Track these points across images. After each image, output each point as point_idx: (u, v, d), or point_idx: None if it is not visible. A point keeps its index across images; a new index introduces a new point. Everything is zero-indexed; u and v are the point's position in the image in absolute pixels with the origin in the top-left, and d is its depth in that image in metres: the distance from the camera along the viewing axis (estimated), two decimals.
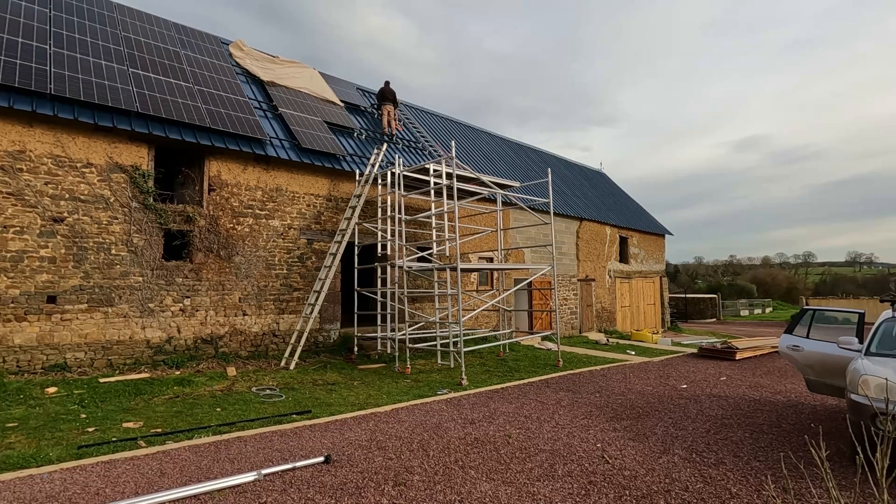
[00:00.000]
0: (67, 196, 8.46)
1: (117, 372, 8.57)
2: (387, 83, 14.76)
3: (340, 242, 11.08)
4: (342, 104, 14.51)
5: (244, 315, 10.39)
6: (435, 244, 12.63)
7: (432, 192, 12.36)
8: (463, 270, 11.99)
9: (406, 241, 11.84)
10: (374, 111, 15.38)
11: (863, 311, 6.82)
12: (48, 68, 8.69)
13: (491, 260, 15.71)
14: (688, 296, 39.12)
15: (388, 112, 14.65)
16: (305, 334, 10.37)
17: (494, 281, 15.73)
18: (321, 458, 4.82)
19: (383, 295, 11.50)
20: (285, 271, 11.05)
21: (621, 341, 17.79)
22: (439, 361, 11.13)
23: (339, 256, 11.00)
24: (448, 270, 11.12)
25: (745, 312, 42.74)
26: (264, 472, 4.48)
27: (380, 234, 11.48)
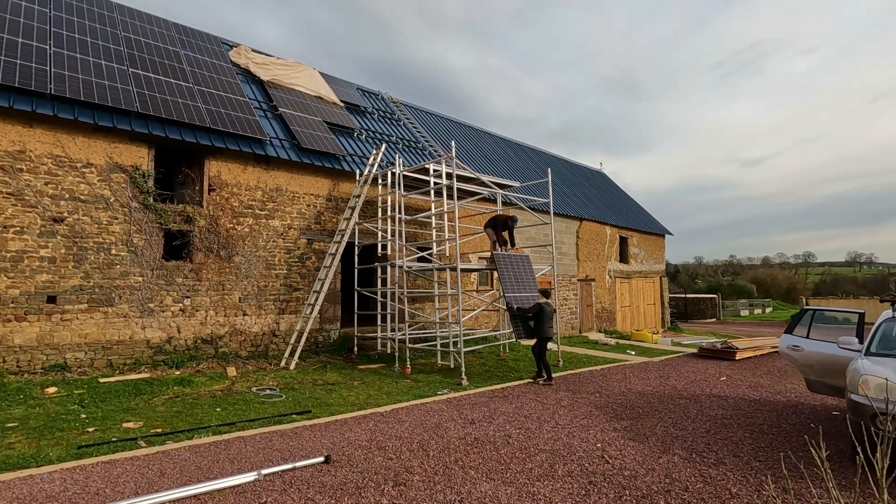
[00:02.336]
0: (67, 196, 8.46)
1: (117, 372, 8.57)
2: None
3: (340, 242, 11.08)
4: (342, 104, 14.52)
5: (244, 315, 10.39)
6: (435, 244, 12.63)
7: (432, 192, 12.36)
8: (463, 270, 11.98)
9: (406, 241, 11.84)
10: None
11: (863, 311, 6.82)
12: (48, 68, 8.69)
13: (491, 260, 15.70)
14: (688, 296, 39.12)
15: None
16: (305, 334, 10.37)
17: (494, 281, 15.73)
18: (321, 458, 4.82)
19: (383, 295, 11.50)
20: (285, 271, 11.05)
21: (621, 341, 17.79)
22: (439, 361, 11.13)
23: (338, 256, 11.00)
24: (448, 270, 11.12)
25: (745, 312, 42.72)
26: (264, 472, 4.48)
27: (380, 234, 11.48)
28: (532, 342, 9.59)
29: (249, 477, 4.38)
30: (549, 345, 9.65)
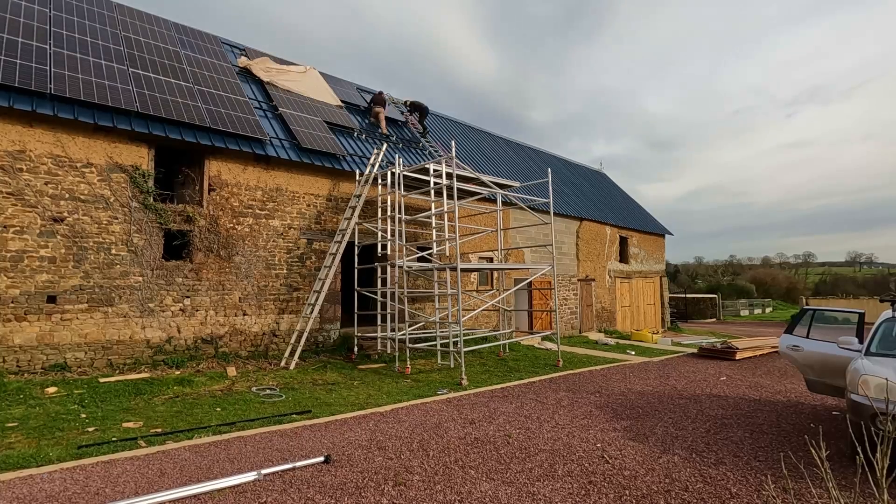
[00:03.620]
0: (67, 196, 8.46)
1: (117, 372, 8.57)
2: (380, 92, 15.48)
3: (340, 242, 11.08)
4: (342, 104, 14.51)
5: (244, 315, 10.39)
6: (435, 244, 12.63)
7: (432, 191, 12.36)
8: (463, 270, 11.98)
9: (406, 241, 11.83)
10: (367, 116, 15.29)
11: (863, 311, 6.82)
12: (48, 68, 8.69)
13: (491, 260, 15.71)
14: (688, 296, 39.13)
15: (381, 113, 15.01)
16: (305, 334, 10.37)
17: (494, 281, 15.73)
18: (321, 458, 4.82)
19: (383, 295, 11.50)
20: (285, 271, 11.05)
21: (621, 341, 17.79)
22: (439, 361, 11.13)
23: (339, 256, 11.00)
24: (448, 270, 11.12)
25: (745, 312, 42.73)
26: (264, 471, 4.48)
27: (380, 234, 11.48)
28: None
29: (249, 477, 4.38)
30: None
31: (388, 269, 11.59)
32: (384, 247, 11.64)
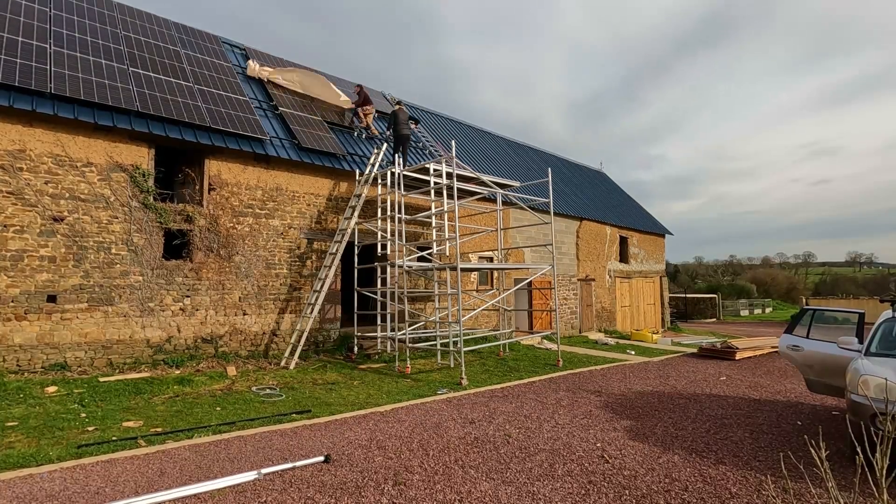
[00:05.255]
0: (67, 195, 8.46)
1: (117, 371, 8.57)
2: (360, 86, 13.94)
3: (340, 242, 11.08)
4: (343, 104, 14.49)
5: (244, 314, 10.39)
6: (435, 244, 12.63)
7: (432, 191, 12.36)
8: (463, 270, 11.98)
9: (406, 241, 11.83)
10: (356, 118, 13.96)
11: (863, 311, 6.81)
12: (48, 67, 8.68)
13: (491, 260, 15.70)
14: (688, 296, 39.13)
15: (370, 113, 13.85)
16: (305, 334, 10.37)
17: (494, 280, 15.73)
18: (321, 458, 4.82)
19: (383, 295, 11.50)
20: (285, 271, 11.05)
21: (621, 341, 17.79)
22: (439, 361, 11.13)
23: (339, 256, 11.00)
24: (448, 270, 11.12)
25: (744, 312, 42.72)
26: (264, 471, 4.48)
27: (380, 233, 11.48)
28: None
29: (249, 476, 4.38)
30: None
31: (388, 268, 11.59)
32: (384, 247, 11.64)
